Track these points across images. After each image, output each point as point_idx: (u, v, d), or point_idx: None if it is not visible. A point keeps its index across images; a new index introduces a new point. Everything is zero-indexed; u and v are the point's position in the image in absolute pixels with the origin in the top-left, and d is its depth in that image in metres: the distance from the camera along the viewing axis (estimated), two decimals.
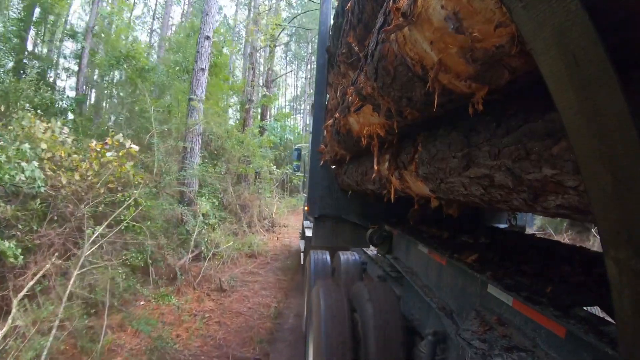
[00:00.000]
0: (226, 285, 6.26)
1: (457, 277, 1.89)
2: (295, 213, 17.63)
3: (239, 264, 7.75)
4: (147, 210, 5.90)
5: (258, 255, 8.60)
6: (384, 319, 2.23)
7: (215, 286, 6.27)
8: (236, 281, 6.60)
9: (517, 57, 0.73)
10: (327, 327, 2.32)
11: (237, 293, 6.16)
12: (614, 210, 0.49)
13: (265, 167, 12.50)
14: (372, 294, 2.39)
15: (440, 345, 1.91)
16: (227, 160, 10.89)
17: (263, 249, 8.99)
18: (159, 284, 5.73)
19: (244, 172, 11.45)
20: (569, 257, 1.94)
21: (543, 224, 9.58)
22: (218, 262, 7.04)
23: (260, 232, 10.84)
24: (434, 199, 1.74)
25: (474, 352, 1.32)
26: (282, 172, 14.60)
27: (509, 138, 0.94)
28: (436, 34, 0.85)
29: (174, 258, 6.28)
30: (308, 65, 28.01)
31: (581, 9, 0.46)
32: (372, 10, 2.38)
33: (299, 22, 22.32)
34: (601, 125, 0.48)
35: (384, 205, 3.14)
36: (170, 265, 5.99)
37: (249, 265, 7.87)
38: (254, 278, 7.13)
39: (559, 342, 1.12)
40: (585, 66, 0.47)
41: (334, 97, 4.52)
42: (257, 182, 12.78)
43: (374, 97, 1.53)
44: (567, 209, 0.84)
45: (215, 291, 6.14)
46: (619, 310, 0.51)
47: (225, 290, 6.14)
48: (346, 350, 2.25)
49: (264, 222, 11.99)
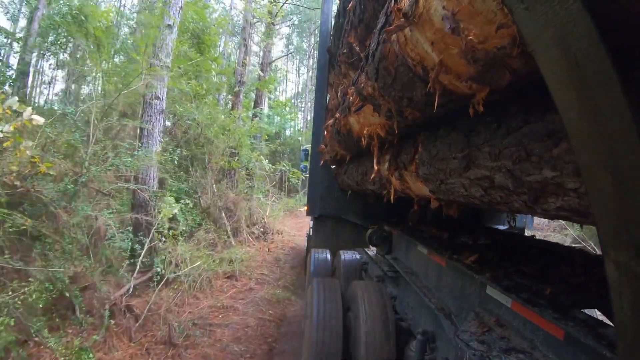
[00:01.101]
0: (178, 335, 4.02)
1: (456, 278, 1.89)
2: (293, 216, 15.98)
3: (210, 292, 5.51)
4: (66, 215, 4.14)
5: (240, 276, 6.39)
6: (375, 316, 2.31)
7: (162, 336, 4.03)
8: (197, 325, 4.33)
9: (518, 58, 0.73)
10: (319, 322, 2.44)
11: (193, 350, 3.90)
12: (614, 211, 0.49)
13: (254, 161, 10.34)
14: (364, 292, 2.50)
15: (429, 345, 1.95)
16: (210, 152, 8.66)
17: (248, 266, 6.89)
18: (84, 325, 3.82)
19: (227, 167, 9.17)
20: (569, 259, 1.94)
21: (580, 233, 8.43)
22: (177, 291, 5.00)
23: (248, 242, 8.82)
24: (434, 200, 1.74)
25: (472, 353, 1.32)
26: (276, 169, 12.20)
27: (510, 139, 0.94)
28: (437, 35, 0.85)
29: (111, 286, 4.34)
30: (310, 60, 26.09)
31: (583, 11, 0.46)
32: (373, 10, 2.38)
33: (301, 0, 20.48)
34: (602, 126, 0.48)
35: (384, 206, 3.15)
36: (103, 298, 4.10)
37: (223, 293, 5.58)
38: (225, 318, 4.77)
39: (557, 344, 1.12)
40: (587, 67, 0.47)
41: (335, 97, 4.52)
42: (247, 180, 10.73)
43: (375, 97, 1.53)
44: (568, 211, 0.84)
45: (160, 345, 3.94)
46: (619, 312, 0.50)
47: (175, 346, 3.88)
48: (337, 343, 2.38)
49: (254, 229, 9.83)
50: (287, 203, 16.86)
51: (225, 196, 8.75)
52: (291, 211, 16.59)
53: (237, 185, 10.07)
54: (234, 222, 8.70)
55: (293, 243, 10.30)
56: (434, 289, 2.20)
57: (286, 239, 10.61)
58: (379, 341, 2.22)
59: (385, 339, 2.23)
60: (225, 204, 8.59)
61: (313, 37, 23.45)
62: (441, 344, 1.90)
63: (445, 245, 2.30)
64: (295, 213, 16.66)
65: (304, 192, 18.49)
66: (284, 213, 14.79)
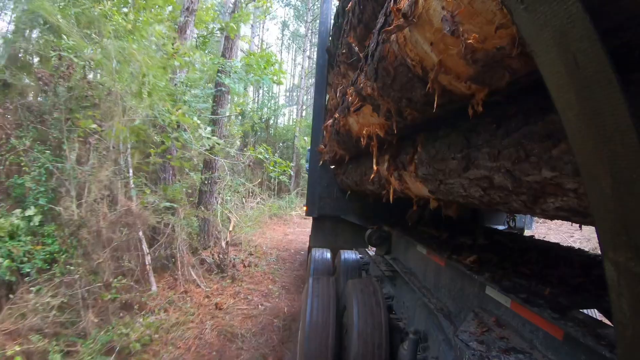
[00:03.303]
0: None
1: (455, 278, 1.89)
2: (282, 222, 11.98)
3: None
4: None
5: None
6: (367, 313, 2.36)
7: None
8: None
9: (518, 58, 0.73)
10: (312, 320, 2.51)
11: None
12: (613, 212, 0.49)
13: (187, 131, 5.38)
14: (358, 290, 2.56)
15: (421, 344, 1.98)
16: (109, 113, 4.70)
17: None
18: None
19: (133, 141, 5.08)
20: (568, 259, 1.95)
21: None
22: None
23: (189, 285, 4.95)
24: (433, 200, 1.75)
25: (471, 353, 1.32)
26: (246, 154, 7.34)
27: (509, 139, 0.94)
28: (437, 35, 0.84)
29: None
30: (307, 45, 20.79)
31: (582, 12, 0.46)
32: (372, 10, 2.38)
33: None
34: (601, 126, 0.48)
35: (384, 206, 3.15)
36: None
37: None
38: None
39: (556, 344, 1.12)
40: (586, 68, 0.47)
41: (334, 97, 4.52)
42: (204, 172, 6.73)
43: (374, 97, 1.53)
44: (567, 211, 0.84)
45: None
46: (618, 312, 0.50)
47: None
48: (327, 341, 2.43)
49: (212, 253, 5.97)
50: (271, 208, 12.69)
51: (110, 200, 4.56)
52: (280, 216, 12.70)
53: (171, 180, 5.84)
54: (162, 249, 5.02)
55: (273, 281, 5.63)
56: (433, 289, 2.20)
57: (261, 274, 5.93)
58: (370, 338, 2.26)
59: (377, 336, 2.26)
60: (109, 219, 4.28)
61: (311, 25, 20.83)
62: (432, 344, 1.92)
63: (444, 245, 2.30)
64: (285, 218, 12.71)
65: (297, 191, 16.38)
66: (271, 219, 11.51)
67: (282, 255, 7.26)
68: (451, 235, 2.68)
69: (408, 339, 2.05)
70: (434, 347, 1.89)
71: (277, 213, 12.73)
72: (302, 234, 9.65)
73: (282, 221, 12.16)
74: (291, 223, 11.91)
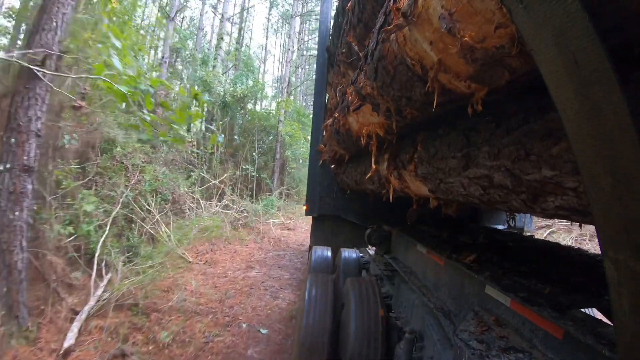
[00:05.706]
0: None
1: (455, 277, 1.89)
2: (251, 239, 7.41)
3: None
4: None
5: None
6: (364, 310, 2.37)
7: None
8: None
9: (517, 57, 0.73)
10: (308, 317, 2.52)
11: None
12: (613, 210, 0.49)
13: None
14: (355, 287, 2.57)
15: (417, 343, 1.98)
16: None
17: None
18: None
19: None
20: (568, 258, 1.95)
21: None
22: None
23: None
24: (433, 199, 1.75)
25: (471, 352, 1.32)
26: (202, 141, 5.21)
27: (509, 138, 0.94)
28: (436, 34, 0.84)
29: None
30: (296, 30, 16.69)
31: (581, 10, 0.46)
32: (372, 9, 2.38)
33: None
34: (600, 125, 0.48)
35: (383, 205, 3.16)
36: None
37: None
38: None
39: (556, 343, 1.12)
40: (585, 66, 0.47)
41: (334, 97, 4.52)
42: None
43: (374, 96, 1.53)
44: (567, 210, 0.84)
45: None
46: (617, 311, 0.50)
47: None
48: (324, 337, 2.45)
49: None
50: (246, 209, 8.92)
51: None
52: (252, 227, 8.51)
53: None
54: None
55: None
56: (432, 288, 2.20)
57: None
58: (367, 335, 2.27)
59: (374, 333, 2.27)
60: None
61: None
62: (428, 344, 1.92)
63: (444, 244, 2.30)
64: (259, 230, 8.36)
65: (280, 191, 13.04)
66: (237, 230, 7.63)
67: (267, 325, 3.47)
68: (451, 234, 2.68)
69: (404, 338, 2.05)
70: (429, 347, 1.89)
71: (248, 222, 8.64)
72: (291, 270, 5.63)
73: (252, 235, 7.49)
74: (268, 241, 7.33)
